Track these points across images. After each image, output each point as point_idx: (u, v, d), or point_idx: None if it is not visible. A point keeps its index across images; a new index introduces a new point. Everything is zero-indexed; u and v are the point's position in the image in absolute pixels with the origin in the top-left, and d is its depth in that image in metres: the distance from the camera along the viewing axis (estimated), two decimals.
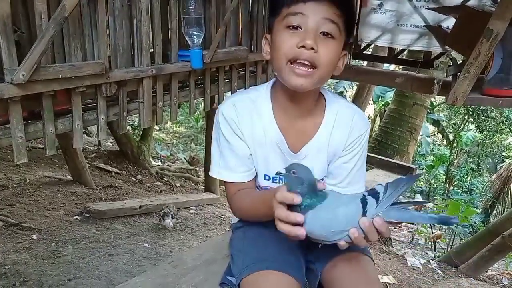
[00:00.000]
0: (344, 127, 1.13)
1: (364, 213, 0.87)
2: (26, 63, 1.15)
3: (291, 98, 1.10)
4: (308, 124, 1.13)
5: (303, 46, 0.97)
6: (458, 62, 2.19)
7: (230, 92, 2.21)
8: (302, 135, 1.13)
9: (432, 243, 5.56)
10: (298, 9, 0.98)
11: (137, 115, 1.70)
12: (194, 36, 1.74)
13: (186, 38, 1.75)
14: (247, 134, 1.14)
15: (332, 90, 8.06)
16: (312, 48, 0.96)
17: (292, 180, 0.87)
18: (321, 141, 1.13)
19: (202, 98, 2.06)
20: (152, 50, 1.68)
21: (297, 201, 0.85)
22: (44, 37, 1.17)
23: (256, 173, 1.20)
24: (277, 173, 0.92)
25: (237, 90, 2.24)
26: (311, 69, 0.99)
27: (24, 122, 1.25)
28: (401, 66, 5.06)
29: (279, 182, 1.18)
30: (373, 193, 0.89)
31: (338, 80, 8.93)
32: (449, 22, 2.89)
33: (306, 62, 0.98)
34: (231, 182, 1.17)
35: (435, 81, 2.31)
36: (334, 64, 1.05)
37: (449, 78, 2.21)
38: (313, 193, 0.87)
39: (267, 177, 1.20)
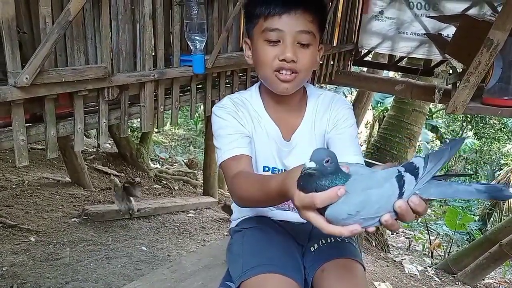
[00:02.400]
0: (325, 109, 1.24)
1: (400, 195, 0.71)
2: (29, 66, 1.15)
3: (277, 97, 1.21)
4: (294, 115, 1.24)
5: (284, 60, 1.08)
6: (458, 71, 2.20)
7: None
8: (291, 125, 1.24)
9: (430, 251, 5.56)
10: (274, 24, 1.07)
11: (138, 118, 1.70)
12: (197, 41, 1.75)
13: (189, 43, 1.76)
14: (248, 126, 1.20)
15: None
16: (292, 60, 1.08)
17: (325, 169, 0.71)
18: (307, 127, 1.24)
19: (203, 103, 2.07)
20: (154, 54, 1.69)
21: (342, 193, 0.70)
22: (48, 41, 1.18)
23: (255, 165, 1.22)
24: (306, 169, 0.71)
25: None
26: (294, 74, 1.11)
27: (26, 124, 1.26)
28: (400, 73, 5.08)
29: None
30: (411, 169, 0.73)
31: (337, 86, 8.94)
32: (449, 31, 2.91)
33: (288, 72, 1.10)
34: (230, 157, 1.12)
35: (436, 90, 2.32)
36: (313, 64, 1.16)
37: (449, 87, 2.23)
38: (340, 173, 0.72)
39: (266, 168, 1.25)
